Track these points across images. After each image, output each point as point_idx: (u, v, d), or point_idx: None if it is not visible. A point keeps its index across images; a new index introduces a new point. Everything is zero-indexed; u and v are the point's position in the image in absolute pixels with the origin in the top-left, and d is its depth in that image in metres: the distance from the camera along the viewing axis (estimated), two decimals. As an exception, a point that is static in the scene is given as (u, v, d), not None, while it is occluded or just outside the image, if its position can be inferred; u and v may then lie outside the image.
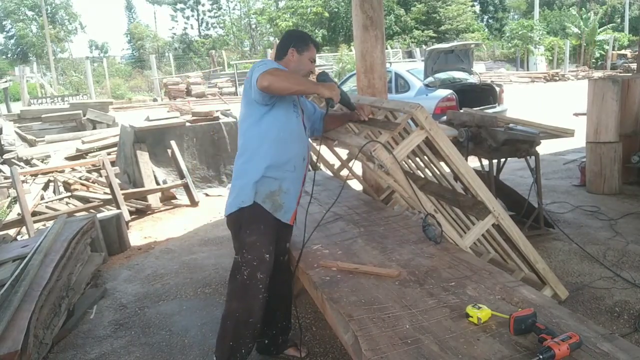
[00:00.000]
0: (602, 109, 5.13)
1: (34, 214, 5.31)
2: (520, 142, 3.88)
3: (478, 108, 6.67)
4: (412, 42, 32.28)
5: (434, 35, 33.20)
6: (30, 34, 38.15)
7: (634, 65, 18.88)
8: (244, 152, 2.33)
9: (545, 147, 5.04)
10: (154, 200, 5.93)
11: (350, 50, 24.42)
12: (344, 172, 4.32)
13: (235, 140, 6.71)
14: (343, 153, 3.98)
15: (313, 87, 2.26)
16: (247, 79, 2.25)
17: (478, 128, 3.95)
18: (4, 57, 38.78)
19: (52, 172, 6.71)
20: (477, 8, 40.93)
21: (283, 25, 31.93)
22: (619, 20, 37.39)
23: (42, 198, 6.02)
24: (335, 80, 2.55)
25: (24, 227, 4.95)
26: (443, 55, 8.02)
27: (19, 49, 38.86)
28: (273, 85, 2.08)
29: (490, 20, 42.48)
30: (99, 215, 4.64)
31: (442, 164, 2.81)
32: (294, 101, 2.38)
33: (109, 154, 7.57)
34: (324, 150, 3.63)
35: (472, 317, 1.59)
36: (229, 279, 2.35)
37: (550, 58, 30.27)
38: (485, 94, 8.21)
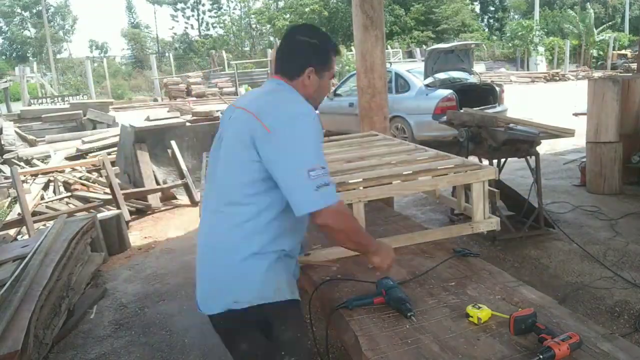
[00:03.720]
0: (602, 109, 5.13)
1: (34, 214, 5.31)
2: (520, 142, 3.88)
3: (478, 108, 6.66)
4: (411, 42, 32.27)
5: (433, 35, 33.22)
6: (27, 34, 38.16)
7: (634, 65, 18.85)
8: (243, 213, 1.49)
9: (545, 147, 5.05)
10: (154, 200, 5.93)
11: (350, 51, 24.39)
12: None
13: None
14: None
15: (370, 248, 1.65)
16: (254, 121, 1.46)
17: (478, 128, 3.96)
18: (3, 57, 38.76)
19: (52, 172, 6.70)
20: (478, 8, 41.03)
21: (280, 24, 31.72)
22: (619, 20, 37.38)
23: (42, 198, 6.02)
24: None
25: (24, 227, 4.95)
26: (443, 55, 8.01)
27: (17, 49, 38.85)
28: (334, 230, 1.49)
29: (490, 20, 42.56)
30: (99, 215, 4.64)
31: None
32: None
33: (109, 154, 7.58)
34: (324, 150, 3.64)
35: (472, 317, 1.59)
36: None
37: (550, 58, 30.25)
38: (486, 94, 8.21)
